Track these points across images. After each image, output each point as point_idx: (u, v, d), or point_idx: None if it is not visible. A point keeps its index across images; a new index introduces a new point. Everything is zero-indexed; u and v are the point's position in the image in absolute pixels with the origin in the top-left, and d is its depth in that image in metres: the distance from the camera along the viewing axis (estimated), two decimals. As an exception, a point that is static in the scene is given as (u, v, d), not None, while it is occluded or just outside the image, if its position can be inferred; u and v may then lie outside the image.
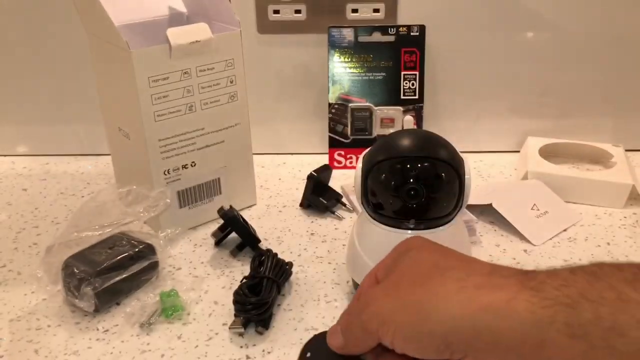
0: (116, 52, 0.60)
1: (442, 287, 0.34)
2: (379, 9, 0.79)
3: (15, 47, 0.82)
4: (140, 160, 0.65)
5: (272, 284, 0.55)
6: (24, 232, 0.69)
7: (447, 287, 0.34)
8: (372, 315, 0.36)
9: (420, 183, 0.49)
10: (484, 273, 0.34)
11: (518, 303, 0.31)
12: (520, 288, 0.31)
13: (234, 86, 0.66)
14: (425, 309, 0.33)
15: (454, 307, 0.32)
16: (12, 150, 0.89)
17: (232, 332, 0.53)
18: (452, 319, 0.32)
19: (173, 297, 0.55)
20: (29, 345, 0.52)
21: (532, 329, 0.30)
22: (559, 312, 0.30)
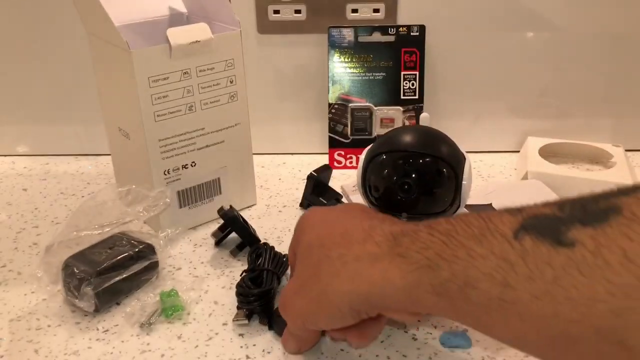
0: (116, 52, 0.60)
1: (330, 268, 0.40)
2: (379, 9, 0.79)
3: (15, 47, 0.82)
4: (140, 160, 0.65)
5: (272, 276, 0.55)
6: (24, 232, 0.69)
7: (334, 268, 0.39)
8: (293, 317, 0.44)
9: (415, 178, 0.49)
10: (360, 241, 0.39)
11: (392, 272, 0.36)
12: (391, 257, 0.36)
13: (234, 86, 0.66)
14: (328, 295, 0.40)
15: (344, 285, 0.39)
16: (12, 150, 0.89)
17: (235, 324, 0.53)
18: (348, 293, 0.38)
19: (173, 297, 0.55)
20: (29, 345, 0.52)
21: (406, 293, 0.35)
22: (423, 275, 0.34)
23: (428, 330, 0.52)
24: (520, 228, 0.30)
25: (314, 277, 0.41)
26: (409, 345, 0.51)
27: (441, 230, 0.34)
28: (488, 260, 0.31)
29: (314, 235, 0.43)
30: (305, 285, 0.42)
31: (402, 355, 0.50)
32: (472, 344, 0.51)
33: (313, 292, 0.41)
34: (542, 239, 0.29)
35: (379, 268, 0.37)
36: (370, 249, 0.38)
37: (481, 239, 0.32)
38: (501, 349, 0.50)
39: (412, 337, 0.52)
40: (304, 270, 0.43)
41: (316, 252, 0.42)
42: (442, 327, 0.53)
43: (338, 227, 0.42)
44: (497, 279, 0.30)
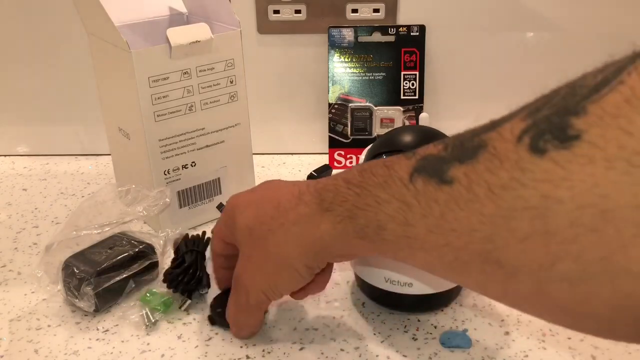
0: (116, 52, 0.60)
1: (277, 239, 0.44)
2: (379, 9, 0.79)
3: (15, 47, 0.82)
4: (140, 160, 0.65)
5: (194, 254, 0.56)
6: (24, 232, 0.69)
7: (279, 238, 0.43)
8: (257, 293, 0.46)
9: None
10: (293, 206, 0.43)
11: (325, 226, 0.40)
12: (321, 213, 0.41)
13: (234, 86, 0.66)
14: (284, 263, 0.44)
15: (294, 249, 0.43)
16: (12, 150, 0.89)
17: (183, 310, 0.55)
18: (301, 255, 0.43)
19: (153, 295, 0.55)
20: (29, 345, 0.52)
21: (339, 240, 0.40)
22: (347, 224, 0.39)
23: (428, 330, 0.52)
24: (414, 171, 0.34)
25: (264, 252, 0.45)
26: (409, 345, 0.51)
27: (355, 183, 0.39)
28: (391, 204, 0.35)
29: (248, 216, 0.46)
30: (256, 261, 0.46)
31: (402, 355, 0.50)
32: (472, 344, 0.51)
33: (269, 266, 0.45)
34: (430, 179, 0.33)
35: (315, 225, 0.41)
36: (303, 210, 0.42)
37: (385, 186, 0.36)
38: (501, 349, 0.50)
39: (412, 337, 0.52)
40: (252, 250, 0.46)
41: (257, 230, 0.45)
42: (442, 327, 0.53)
43: (269, 202, 0.45)
44: (400, 219, 0.34)
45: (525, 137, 0.29)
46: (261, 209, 0.45)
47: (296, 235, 0.43)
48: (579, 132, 0.26)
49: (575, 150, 0.26)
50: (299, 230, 0.43)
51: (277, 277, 0.45)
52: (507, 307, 0.54)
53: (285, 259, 0.44)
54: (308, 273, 0.44)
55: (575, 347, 0.50)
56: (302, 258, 0.43)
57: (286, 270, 0.44)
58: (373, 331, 0.53)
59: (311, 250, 0.42)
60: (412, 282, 0.51)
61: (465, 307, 0.55)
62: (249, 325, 0.51)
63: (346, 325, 0.53)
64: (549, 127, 0.28)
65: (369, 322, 0.54)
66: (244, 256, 0.47)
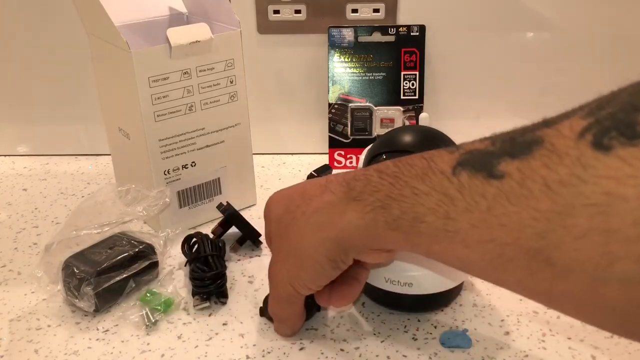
0: (116, 52, 0.60)
1: (297, 227, 0.43)
2: (379, 9, 0.79)
3: (15, 47, 0.82)
4: (140, 160, 0.65)
5: (217, 259, 0.58)
6: (24, 232, 0.69)
7: (300, 225, 0.42)
8: (283, 284, 0.45)
9: None
10: (318, 194, 0.42)
11: (350, 215, 0.39)
12: (347, 201, 0.39)
13: (234, 86, 0.66)
14: (303, 252, 0.42)
15: (313, 237, 0.42)
16: (12, 150, 0.89)
17: (197, 309, 0.55)
18: (319, 244, 0.41)
19: (154, 295, 0.56)
20: (29, 345, 0.52)
21: (367, 231, 0.38)
22: (377, 214, 0.37)
23: (428, 330, 0.52)
24: (457, 164, 0.33)
25: (286, 241, 0.44)
26: (409, 345, 0.51)
27: (389, 173, 0.38)
28: (431, 197, 0.34)
29: (279, 208, 0.46)
30: (282, 252, 0.45)
31: (402, 355, 0.50)
32: (472, 344, 0.51)
33: (290, 255, 0.44)
34: (476, 173, 0.32)
35: (338, 213, 0.40)
36: (327, 198, 0.41)
37: (424, 178, 0.35)
38: (501, 349, 0.50)
39: (412, 337, 0.52)
40: (279, 241, 0.46)
41: (284, 220, 0.45)
42: (442, 327, 0.53)
43: (297, 191, 0.45)
44: (440, 212, 0.33)
45: (587, 134, 0.28)
46: (291, 200, 0.45)
47: (317, 223, 0.41)
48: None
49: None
50: (320, 218, 0.41)
51: (299, 268, 0.44)
52: (507, 307, 0.54)
53: (306, 248, 0.42)
54: (330, 266, 0.42)
55: (575, 347, 0.50)
56: (321, 248, 0.41)
57: (306, 260, 0.43)
58: (373, 331, 0.53)
59: (333, 239, 0.41)
60: (412, 282, 0.51)
61: (465, 307, 0.55)
62: (286, 319, 0.50)
63: (346, 325, 0.53)
64: (614, 124, 0.27)
65: (369, 322, 0.54)
66: (274, 249, 0.47)
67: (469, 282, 0.58)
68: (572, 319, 0.53)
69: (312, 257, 0.42)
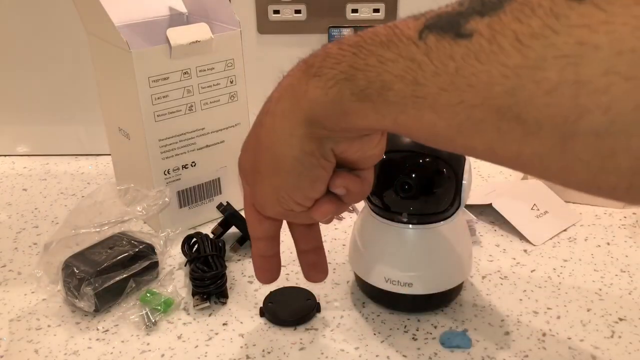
0: (116, 52, 0.60)
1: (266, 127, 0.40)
2: (379, 9, 0.79)
3: (15, 47, 0.82)
4: (140, 160, 0.65)
5: (217, 259, 0.59)
6: (24, 232, 0.70)
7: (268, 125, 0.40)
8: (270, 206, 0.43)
9: (415, 178, 0.49)
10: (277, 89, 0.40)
11: (313, 93, 0.37)
12: (307, 79, 0.37)
13: (234, 86, 0.66)
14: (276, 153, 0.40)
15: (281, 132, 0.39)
16: (12, 150, 0.89)
17: (197, 309, 0.55)
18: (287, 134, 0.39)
19: (154, 295, 0.56)
20: (29, 345, 0.52)
21: (334, 106, 0.36)
22: (342, 87, 0.35)
23: (428, 330, 0.52)
24: (424, 28, 0.32)
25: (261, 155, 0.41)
26: (409, 345, 0.51)
27: (350, 43, 0.35)
28: (397, 63, 0.32)
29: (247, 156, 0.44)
30: (260, 171, 0.42)
31: (402, 355, 0.50)
32: (472, 344, 0.51)
33: (267, 166, 0.41)
34: (444, 34, 0.31)
35: (301, 94, 0.38)
36: (286, 82, 0.39)
37: (389, 45, 0.33)
38: (501, 349, 0.50)
39: (412, 337, 0.52)
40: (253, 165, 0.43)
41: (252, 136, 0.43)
42: (442, 327, 0.53)
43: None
44: (408, 78, 0.32)
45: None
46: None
47: (281, 113, 0.39)
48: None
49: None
50: (283, 106, 0.39)
51: (279, 174, 0.41)
52: (507, 307, 0.55)
53: (279, 147, 0.39)
54: (310, 162, 0.39)
55: (575, 347, 0.50)
56: (294, 140, 0.38)
57: (284, 162, 0.40)
58: (373, 331, 0.53)
59: (301, 126, 0.38)
60: (412, 282, 0.51)
61: (465, 307, 0.55)
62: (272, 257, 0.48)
63: (346, 325, 0.53)
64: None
65: (369, 322, 0.54)
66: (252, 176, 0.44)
67: (469, 282, 0.58)
68: (572, 319, 0.53)
69: (288, 155, 0.39)
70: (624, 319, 0.53)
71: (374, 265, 0.53)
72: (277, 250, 0.49)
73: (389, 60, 0.33)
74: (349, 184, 0.42)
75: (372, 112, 0.35)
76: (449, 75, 0.30)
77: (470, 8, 0.30)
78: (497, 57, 0.28)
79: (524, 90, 0.27)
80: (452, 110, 0.31)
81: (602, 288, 0.57)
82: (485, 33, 0.29)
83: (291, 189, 0.41)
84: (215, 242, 0.61)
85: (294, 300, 0.54)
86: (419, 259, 0.52)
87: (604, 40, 0.25)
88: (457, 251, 0.53)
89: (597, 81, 0.25)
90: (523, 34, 0.27)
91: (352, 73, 0.35)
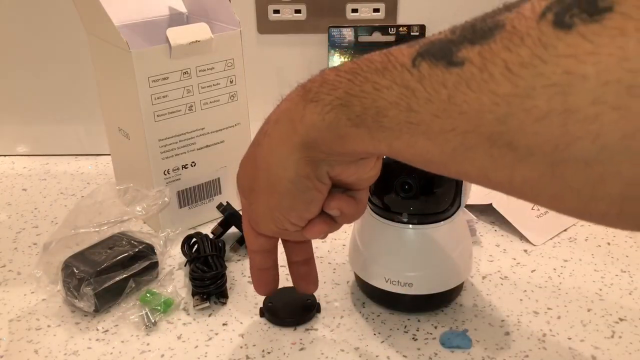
0: (116, 52, 0.60)
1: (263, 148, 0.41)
2: (379, 9, 0.79)
3: (15, 47, 0.82)
4: (140, 160, 0.65)
5: (217, 259, 0.59)
6: (24, 232, 0.69)
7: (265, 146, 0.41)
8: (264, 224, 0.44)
9: (415, 178, 0.49)
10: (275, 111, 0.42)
11: (310, 118, 0.38)
12: (305, 104, 0.38)
13: (234, 86, 0.66)
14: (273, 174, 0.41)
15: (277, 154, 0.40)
16: (12, 150, 0.89)
17: (197, 309, 0.55)
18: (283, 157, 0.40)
19: (153, 295, 0.56)
20: (29, 345, 0.52)
21: (330, 131, 0.37)
22: (339, 113, 0.36)
23: (428, 330, 0.52)
24: (417, 55, 0.32)
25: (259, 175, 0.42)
26: (409, 345, 0.51)
27: (346, 70, 0.36)
28: (392, 90, 0.33)
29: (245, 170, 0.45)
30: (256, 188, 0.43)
31: (402, 355, 0.50)
32: (472, 344, 0.51)
33: (264, 186, 0.42)
34: (437, 62, 0.31)
35: (298, 118, 0.38)
36: (284, 106, 0.40)
37: (384, 72, 0.34)
38: (501, 349, 0.50)
39: (412, 337, 0.52)
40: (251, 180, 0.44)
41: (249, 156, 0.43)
42: (442, 327, 0.53)
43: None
44: (402, 105, 0.32)
45: (548, 14, 0.27)
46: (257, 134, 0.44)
47: (278, 135, 0.40)
48: (611, 3, 0.25)
49: (605, 22, 0.25)
50: (280, 129, 0.40)
51: (274, 195, 0.41)
52: (507, 307, 0.54)
53: (275, 168, 0.40)
54: (304, 185, 0.40)
55: (575, 347, 0.50)
56: (289, 163, 0.39)
57: (279, 183, 0.40)
58: (373, 331, 0.53)
59: (297, 149, 0.39)
60: (412, 282, 0.51)
61: (465, 307, 0.55)
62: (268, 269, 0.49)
63: (346, 325, 0.53)
64: (575, 1, 0.26)
65: (369, 322, 0.54)
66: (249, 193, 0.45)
67: (469, 282, 0.58)
68: (572, 319, 0.53)
69: (283, 177, 0.40)
70: (624, 319, 0.53)
71: (374, 265, 0.53)
72: (274, 262, 0.50)
73: (383, 87, 0.34)
74: (344, 206, 0.43)
75: (368, 138, 0.36)
76: (441, 103, 0.31)
77: (461, 36, 0.31)
78: (488, 85, 0.28)
79: (514, 118, 0.28)
80: (445, 136, 0.31)
81: (602, 288, 0.57)
82: (476, 61, 0.29)
83: (286, 210, 0.42)
84: (215, 242, 0.61)
85: (294, 300, 0.54)
86: (419, 259, 0.52)
87: (591, 70, 0.25)
88: (457, 251, 0.53)
89: (585, 110, 0.25)
90: (513, 63, 0.28)
91: (348, 99, 0.35)
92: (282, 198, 0.41)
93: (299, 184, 0.40)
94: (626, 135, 0.25)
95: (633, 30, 0.24)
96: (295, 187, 0.40)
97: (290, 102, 0.40)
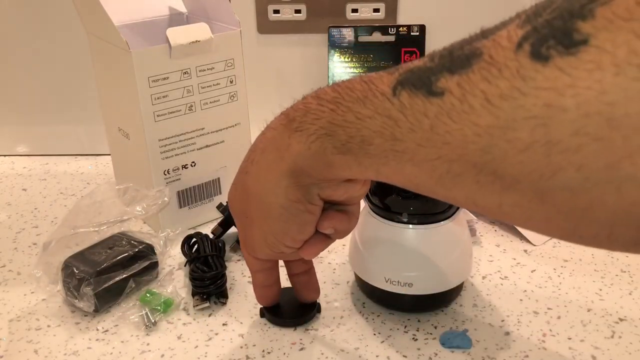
0: (116, 52, 0.60)
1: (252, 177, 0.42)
2: (379, 9, 0.79)
3: (15, 47, 0.82)
4: (140, 160, 0.64)
5: (217, 259, 0.59)
6: (24, 232, 0.69)
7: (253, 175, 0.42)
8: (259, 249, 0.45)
9: None
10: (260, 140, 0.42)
11: (296, 147, 0.38)
12: (289, 133, 0.39)
13: (234, 86, 0.66)
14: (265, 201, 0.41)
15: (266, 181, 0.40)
16: (12, 150, 0.89)
17: (197, 309, 0.55)
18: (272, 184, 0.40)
19: (153, 295, 0.56)
20: (29, 345, 0.52)
21: (316, 160, 0.38)
22: (324, 142, 0.37)
23: (428, 330, 0.52)
24: (397, 84, 0.33)
25: (249, 202, 0.43)
26: (409, 345, 0.51)
27: (329, 100, 0.37)
28: (375, 120, 0.33)
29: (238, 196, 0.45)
30: (249, 216, 0.44)
31: (402, 355, 0.50)
32: (472, 344, 0.51)
33: (256, 213, 0.43)
34: (416, 91, 0.31)
35: (284, 147, 0.39)
36: (269, 135, 0.41)
37: (364, 101, 0.34)
38: (501, 349, 0.50)
39: (412, 337, 0.52)
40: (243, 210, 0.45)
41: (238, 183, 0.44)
42: (442, 327, 0.53)
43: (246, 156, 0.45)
44: (386, 134, 0.33)
45: (525, 44, 0.27)
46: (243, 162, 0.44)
47: (266, 164, 0.40)
48: (586, 36, 0.25)
49: (581, 55, 0.25)
50: (268, 158, 0.40)
51: (267, 221, 0.42)
52: (507, 307, 0.54)
53: (266, 196, 0.41)
54: (296, 209, 0.41)
55: (575, 347, 0.50)
56: (279, 190, 0.40)
57: (271, 209, 0.41)
58: (373, 331, 0.53)
59: (286, 176, 0.39)
60: (412, 282, 0.51)
61: (465, 307, 0.55)
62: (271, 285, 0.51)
63: (346, 326, 0.53)
64: (551, 32, 0.26)
65: (369, 322, 0.54)
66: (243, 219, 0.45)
67: (469, 282, 0.58)
68: (572, 319, 0.53)
69: (274, 203, 0.41)
70: (624, 319, 0.53)
71: (374, 265, 0.53)
72: (276, 279, 0.52)
73: (366, 117, 0.34)
74: (337, 224, 0.44)
75: (355, 164, 0.36)
76: (424, 132, 0.31)
77: (440, 64, 0.31)
78: (469, 116, 0.29)
79: (497, 148, 0.28)
80: (431, 164, 0.31)
81: (602, 288, 0.57)
82: (455, 92, 0.29)
83: (280, 234, 0.43)
84: (215, 242, 0.61)
85: (294, 300, 0.54)
86: (419, 259, 0.52)
87: (571, 103, 0.25)
88: (457, 251, 0.53)
89: (567, 141, 0.26)
90: (492, 95, 0.28)
91: (333, 129, 0.36)
92: (274, 223, 0.42)
93: (290, 209, 0.41)
94: (609, 166, 0.25)
95: (609, 64, 0.24)
96: (287, 212, 0.41)
97: (275, 131, 0.40)
